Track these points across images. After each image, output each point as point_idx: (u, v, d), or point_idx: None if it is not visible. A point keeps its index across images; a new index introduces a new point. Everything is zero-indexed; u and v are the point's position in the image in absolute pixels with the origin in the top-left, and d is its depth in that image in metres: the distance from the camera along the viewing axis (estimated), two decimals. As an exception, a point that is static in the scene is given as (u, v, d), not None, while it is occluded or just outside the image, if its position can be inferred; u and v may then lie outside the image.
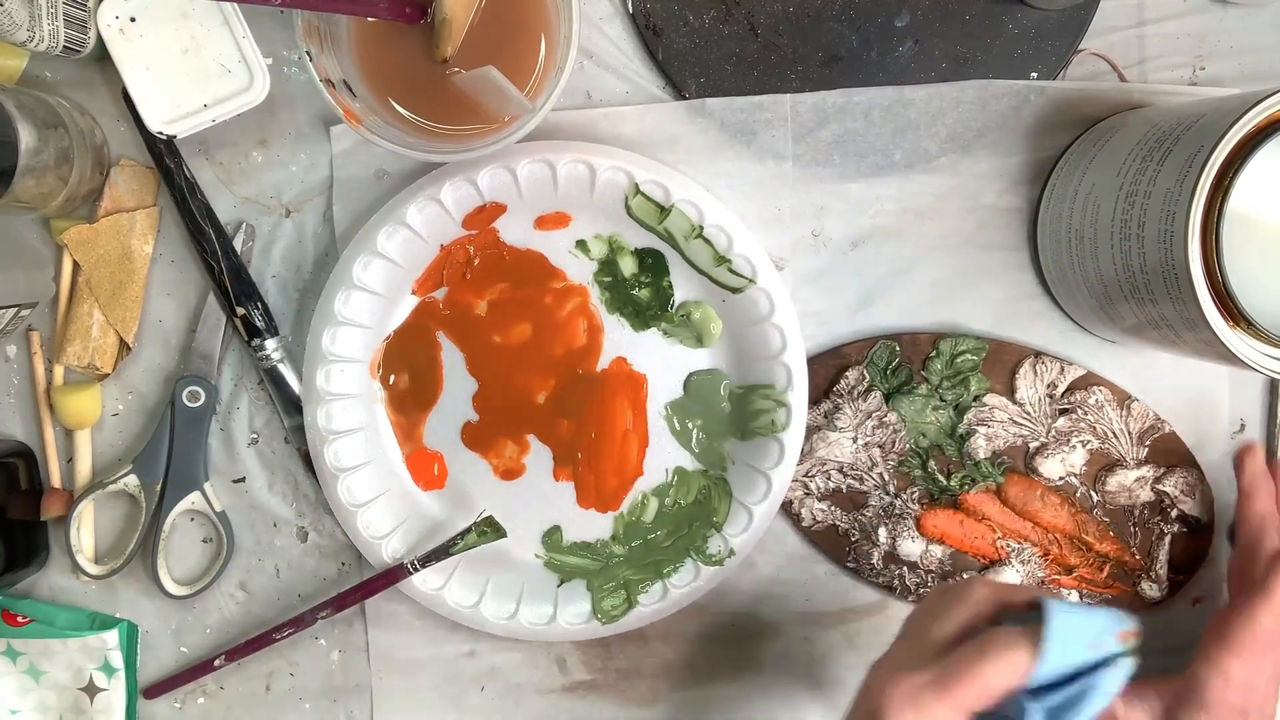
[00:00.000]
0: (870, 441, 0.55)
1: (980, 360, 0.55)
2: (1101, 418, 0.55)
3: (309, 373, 0.54)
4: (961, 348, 0.55)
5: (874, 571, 0.56)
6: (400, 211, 0.52)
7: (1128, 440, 0.55)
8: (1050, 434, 0.55)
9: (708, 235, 0.53)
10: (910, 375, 0.55)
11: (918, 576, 0.56)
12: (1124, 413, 0.55)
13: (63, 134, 0.50)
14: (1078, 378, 0.55)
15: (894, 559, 0.56)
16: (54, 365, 0.56)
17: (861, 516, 0.56)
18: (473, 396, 0.56)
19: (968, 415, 0.55)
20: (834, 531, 0.56)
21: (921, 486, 0.56)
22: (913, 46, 0.54)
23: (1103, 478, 0.55)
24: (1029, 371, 0.55)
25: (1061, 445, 0.55)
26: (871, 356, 0.55)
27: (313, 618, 0.55)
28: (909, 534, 0.56)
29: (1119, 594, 0.56)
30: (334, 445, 0.55)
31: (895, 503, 0.56)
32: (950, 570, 0.56)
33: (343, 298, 0.53)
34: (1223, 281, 0.42)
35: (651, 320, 0.56)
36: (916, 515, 0.56)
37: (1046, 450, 0.55)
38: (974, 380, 0.55)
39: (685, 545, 0.56)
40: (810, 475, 0.55)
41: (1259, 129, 0.41)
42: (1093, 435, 0.55)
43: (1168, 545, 0.55)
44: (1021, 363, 0.55)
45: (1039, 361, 0.55)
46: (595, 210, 0.54)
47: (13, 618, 0.56)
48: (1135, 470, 0.55)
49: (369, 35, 0.49)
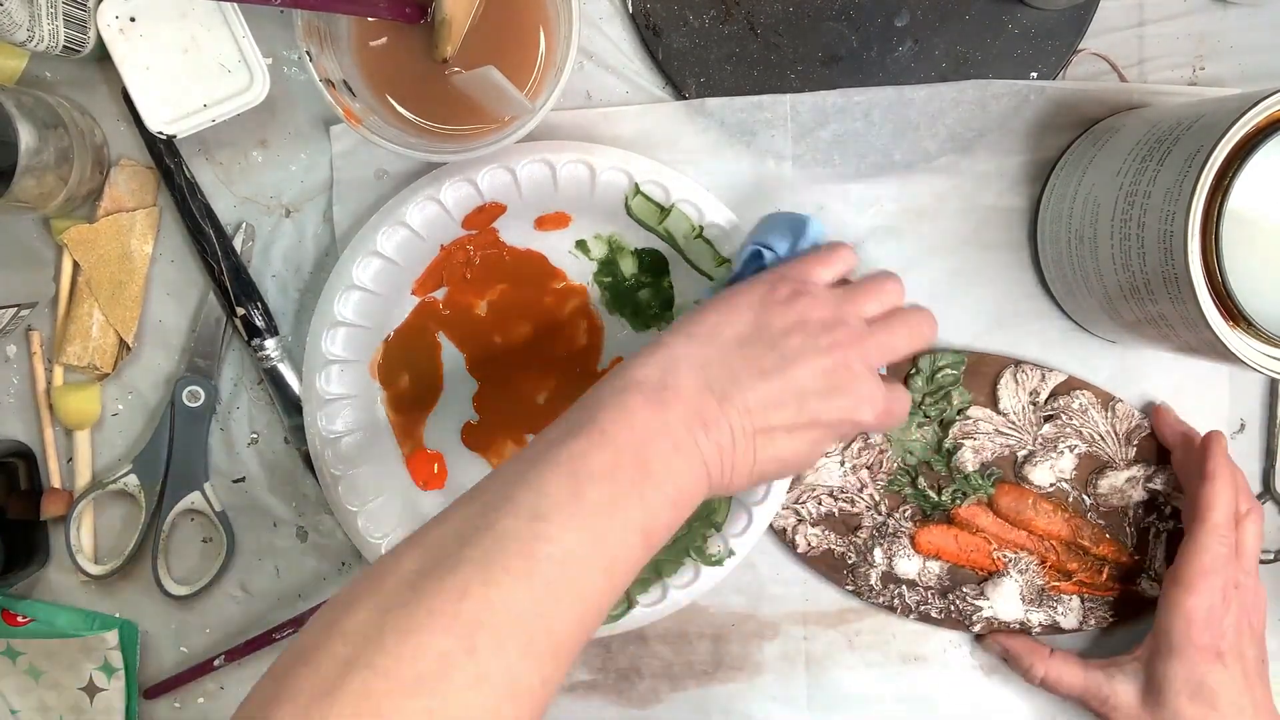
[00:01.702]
0: (858, 464, 0.55)
1: (960, 374, 0.55)
2: (1086, 421, 0.55)
3: (309, 373, 0.54)
4: (941, 362, 0.54)
5: (873, 592, 0.56)
6: (400, 211, 0.52)
7: (1115, 441, 0.55)
8: (1037, 441, 0.55)
9: (708, 235, 0.53)
10: None
11: (917, 594, 0.56)
12: (1109, 414, 0.55)
13: (63, 134, 0.50)
14: (1059, 383, 0.55)
15: (892, 578, 0.56)
16: (54, 365, 0.56)
17: (856, 539, 0.56)
18: (473, 397, 0.56)
19: (953, 429, 0.55)
20: (830, 555, 0.56)
21: (913, 504, 0.56)
22: (913, 46, 0.54)
23: (1094, 480, 0.55)
24: (1010, 381, 0.55)
25: (1049, 452, 0.55)
26: None
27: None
28: (905, 552, 0.56)
29: (1121, 594, 0.56)
30: (334, 446, 0.55)
31: (888, 522, 0.55)
32: (949, 585, 0.56)
33: (342, 298, 0.53)
34: (1223, 281, 0.42)
35: (652, 320, 0.56)
36: (911, 533, 0.55)
37: (1035, 458, 0.55)
38: (956, 394, 0.55)
39: (684, 545, 0.56)
40: (801, 502, 0.55)
41: (1259, 129, 0.41)
42: (1079, 439, 0.55)
43: (1165, 542, 0.55)
44: (1002, 373, 0.55)
45: (1019, 370, 0.55)
46: (595, 210, 0.54)
47: (13, 618, 0.56)
48: (1125, 470, 0.55)
49: (369, 35, 0.49)
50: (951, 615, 0.56)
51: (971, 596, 0.55)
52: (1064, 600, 0.55)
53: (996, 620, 0.55)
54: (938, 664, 0.57)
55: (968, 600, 0.55)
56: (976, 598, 0.55)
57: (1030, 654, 0.54)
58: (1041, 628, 0.56)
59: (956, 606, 0.56)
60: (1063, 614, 0.55)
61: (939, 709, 0.57)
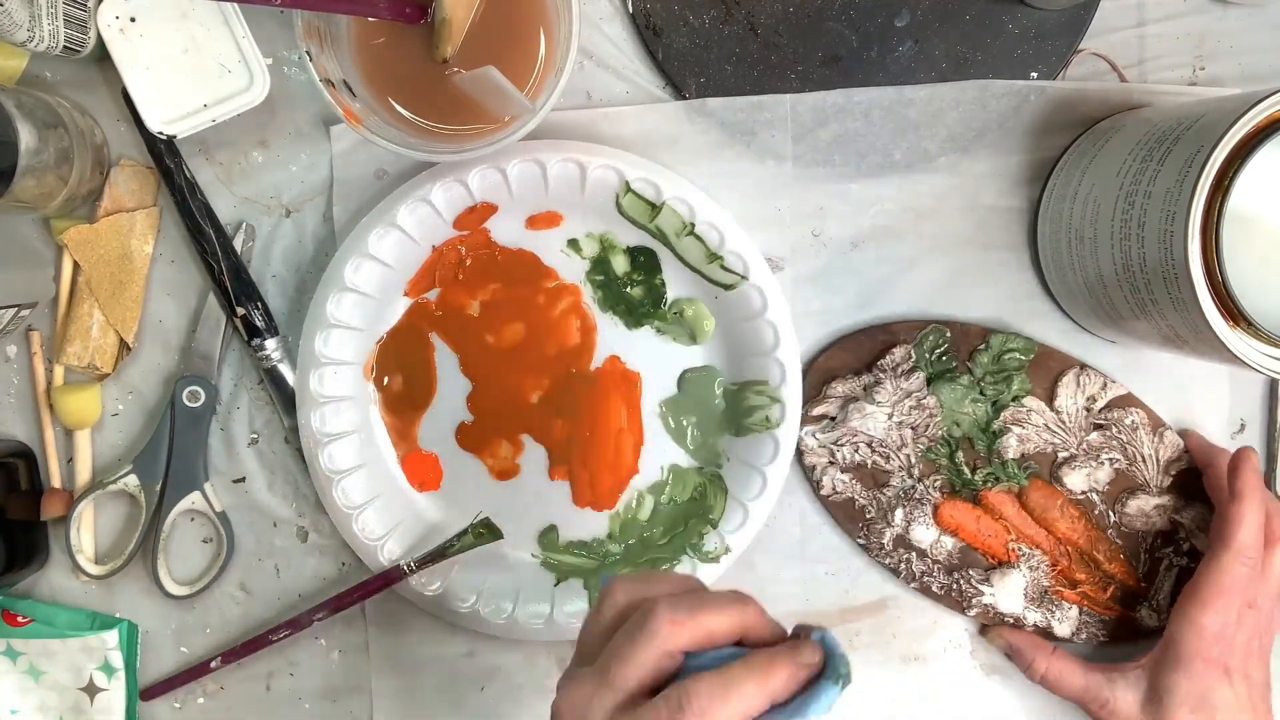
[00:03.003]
0: (904, 421, 0.55)
1: (1027, 361, 0.55)
2: (1134, 440, 0.55)
3: (302, 375, 0.54)
4: (1011, 345, 0.55)
5: (883, 551, 0.56)
6: (391, 213, 0.52)
7: (1154, 467, 0.55)
8: (1081, 446, 0.55)
9: (699, 232, 0.53)
10: (956, 364, 0.55)
11: (924, 565, 0.56)
12: (1156, 439, 0.55)
13: (63, 134, 0.50)
14: (1118, 396, 0.55)
15: (905, 543, 0.56)
16: (54, 365, 0.56)
17: (881, 495, 0.56)
18: (467, 397, 0.56)
19: (1004, 413, 0.55)
20: (851, 505, 0.56)
21: (945, 476, 0.56)
22: (913, 46, 0.54)
23: (1123, 499, 0.55)
24: (1072, 381, 0.55)
25: (1090, 459, 0.55)
26: (921, 338, 0.55)
27: (309, 620, 0.55)
28: (924, 520, 0.56)
29: (1119, 617, 0.56)
30: (328, 448, 0.55)
31: (917, 487, 0.56)
32: (958, 564, 0.56)
33: (335, 300, 0.53)
34: (1223, 281, 0.42)
35: (644, 318, 0.56)
36: (935, 503, 0.56)
37: (1075, 462, 0.55)
38: (1017, 380, 0.55)
39: (682, 543, 0.56)
40: (840, 444, 0.55)
41: (1259, 129, 0.41)
42: (1122, 456, 0.55)
43: (1174, 578, 0.55)
44: (1066, 372, 0.55)
45: (1084, 374, 0.55)
46: (586, 209, 0.54)
47: (13, 618, 0.56)
48: (1156, 498, 0.55)
49: (369, 35, 0.49)
50: (951, 594, 0.56)
51: (976, 580, 0.55)
52: (1064, 607, 0.55)
53: (994, 610, 0.55)
54: (938, 664, 0.57)
55: (972, 583, 0.55)
56: (981, 583, 0.55)
57: (1034, 649, 0.54)
58: (1035, 628, 0.56)
59: (959, 587, 0.56)
60: (1059, 620, 0.55)
61: (939, 709, 0.57)
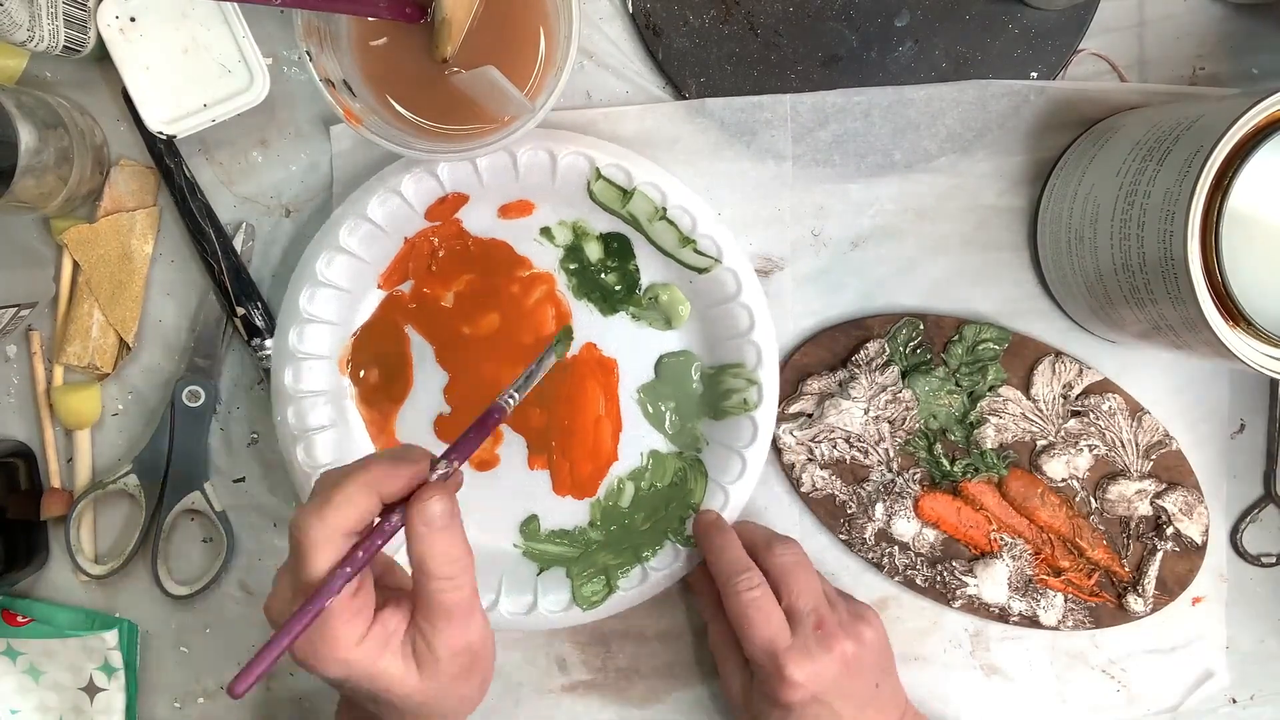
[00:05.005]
0: (881, 415, 0.55)
1: (1001, 351, 0.55)
2: (1112, 425, 0.55)
3: (277, 371, 0.54)
4: (984, 335, 0.55)
5: (865, 546, 0.56)
6: (362, 205, 0.52)
7: (1134, 451, 0.55)
8: (1059, 434, 0.55)
9: (671, 217, 0.53)
10: (930, 356, 0.55)
11: (907, 558, 0.56)
12: (1134, 424, 0.55)
13: (63, 134, 0.50)
14: (1094, 382, 0.55)
15: (886, 537, 0.56)
16: (54, 365, 0.56)
17: (861, 490, 0.56)
18: (444, 389, 0.56)
19: (981, 403, 0.55)
20: (831, 501, 0.56)
21: (924, 468, 0.56)
22: (913, 46, 0.54)
23: (1104, 485, 0.55)
24: (1047, 369, 0.55)
25: (1069, 447, 0.55)
26: (894, 332, 0.55)
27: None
28: (905, 514, 0.56)
29: (1103, 603, 0.56)
30: (305, 443, 0.54)
31: (896, 481, 0.56)
32: (940, 556, 0.56)
33: (307, 295, 0.53)
34: (1223, 281, 0.42)
35: (619, 304, 0.56)
36: (915, 496, 0.56)
37: (1053, 450, 0.55)
38: (992, 370, 0.55)
39: (663, 527, 0.56)
40: (817, 441, 0.55)
41: (1259, 129, 0.41)
42: (1101, 441, 0.55)
43: (1158, 562, 0.55)
44: (1041, 359, 0.55)
45: (1059, 360, 0.55)
46: (558, 196, 0.54)
47: (13, 618, 0.56)
48: (1137, 482, 0.55)
49: (369, 35, 0.49)
50: (935, 586, 0.56)
51: (960, 572, 0.56)
52: (1049, 595, 0.55)
53: (978, 600, 0.55)
54: (938, 664, 0.57)
55: (955, 575, 0.56)
56: (965, 574, 0.56)
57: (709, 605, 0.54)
58: (1021, 618, 0.56)
59: (943, 579, 0.56)
60: (1044, 609, 0.55)
61: (939, 709, 0.58)
